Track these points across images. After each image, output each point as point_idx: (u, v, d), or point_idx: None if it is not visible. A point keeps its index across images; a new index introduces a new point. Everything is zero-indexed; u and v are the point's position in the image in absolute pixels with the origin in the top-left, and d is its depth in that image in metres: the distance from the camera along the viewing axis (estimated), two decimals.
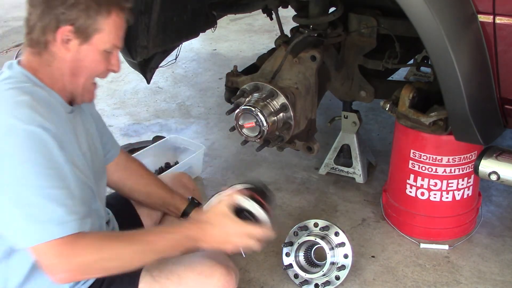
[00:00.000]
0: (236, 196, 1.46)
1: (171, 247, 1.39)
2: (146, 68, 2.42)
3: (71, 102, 1.46)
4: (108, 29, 1.37)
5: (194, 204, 1.86)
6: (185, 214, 1.84)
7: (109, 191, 2.40)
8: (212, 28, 2.61)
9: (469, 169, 2.02)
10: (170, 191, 1.83)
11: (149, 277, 1.51)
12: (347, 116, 2.47)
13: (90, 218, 1.33)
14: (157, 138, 2.83)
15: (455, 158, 1.99)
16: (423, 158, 2.02)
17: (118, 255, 1.31)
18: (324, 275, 1.87)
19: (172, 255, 1.43)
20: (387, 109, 1.99)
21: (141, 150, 2.60)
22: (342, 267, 1.89)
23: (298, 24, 2.24)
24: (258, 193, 1.55)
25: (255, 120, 1.96)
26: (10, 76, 1.35)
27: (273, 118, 1.99)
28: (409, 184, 2.09)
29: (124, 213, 1.81)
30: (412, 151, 2.04)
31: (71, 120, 1.43)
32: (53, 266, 1.25)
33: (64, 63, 1.37)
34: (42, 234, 1.23)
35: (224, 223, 1.43)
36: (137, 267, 1.38)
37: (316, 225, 1.97)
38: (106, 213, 1.69)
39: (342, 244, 1.90)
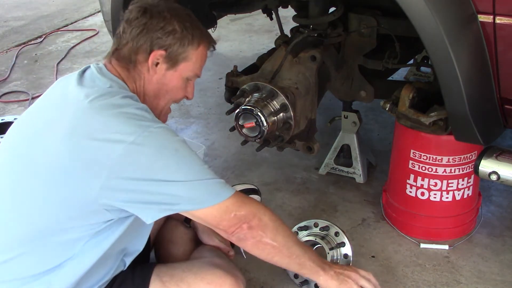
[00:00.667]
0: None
1: (307, 270, 1.56)
2: None
3: None
4: (195, 59, 1.47)
5: None
6: (188, 219, 1.84)
7: None
8: (212, 28, 2.61)
9: (469, 169, 2.02)
10: None
11: (159, 282, 1.52)
12: (347, 116, 2.47)
13: None
14: None
15: (455, 158, 1.99)
16: (423, 158, 2.02)
17: (280, 249, 1.48)
18: None
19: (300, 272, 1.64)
20: (387, 109, 1.99)
21: None
22: None
23: (298, 24, 2.24)
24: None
25: (255, 120, 1.96)
26: (111, 85, 1.40)
27: (273, 118, 1.99)
28: (409, 184, 2.09)
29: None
30: (412, 151, 2.04)
31: None
32: (244, 216, 1.40)
33: (150, 84, 1.46)
34: (220, 194, 1.36)
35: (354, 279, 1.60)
36: (280, 264, 1.55)
37: (316, 225, 1.97)
38: None
39: (342, 244, 1.90)
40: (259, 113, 1.95)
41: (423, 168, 2.03)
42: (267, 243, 1.46)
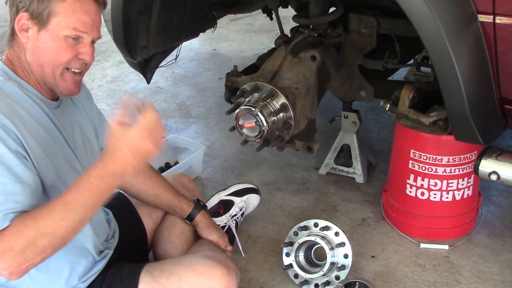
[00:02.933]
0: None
1: (91, 196, 1.24)
2: (146, 68, 2.42)
3: (57, 98, 1.44)
4: (65, 12, 1.32)
5: (200, 206, 1.87)
6: (190, 217, 1.85)
7: None
8: (212, 28, 2.61)
9: (469, 169, 2.02)
10: (177, 194, 1.84)
11: (149, 278, 1.52)
12: (347, 116, 2.47)
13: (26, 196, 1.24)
14: None
15: (455, 158, 1.99)
16: (423, 158, 2.02)
17: (44, 229, 1.20)
18: (324, 275, 1.87)
19: (100, 203, 1.28)
20: (387, 109, 1.99)
21: None
22: (342, 267, 1.89)
23: (298, 24, 2.24)
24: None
25: (255, 120, 1.96)
26: None
27: (273, 118, 1.99)
28: (409, 184, 2.09)
29: (124, 214, 1.81)
30: (412, 151, 2.04)
31: (56, 115, 1.41)
32: None
33: (28, 53, 1.34)
34: None
35: (123, 140, 1.27)
36: (73, 232, 1.25)
37: (316, 225, 1.97)
38: (105, 213, 1.69)
39: (342, 244, 1.90)
40: (259, 113, 1.95)
41: (423, 168, 2.03)
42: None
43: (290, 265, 1.93)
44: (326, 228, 1.94)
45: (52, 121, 1.39)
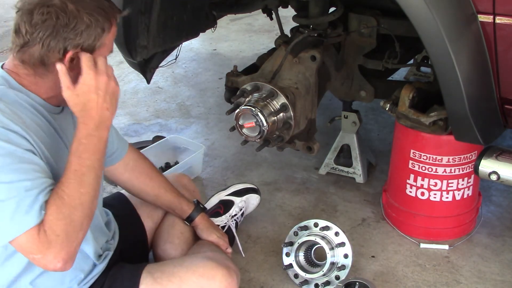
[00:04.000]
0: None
1: (90, 154, 1.30)
2: (146, 68, 2.42)
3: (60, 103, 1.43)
4: (109, 42, 1.39)
5: (200, 209, 1.88)
6: (190, 218, 1.85)
7: (109, 191, 2.41)
8: (212, 28, 2.61)
9: (469, 169, 2.02)
10: (177, 195, 1.84)
11: (150, 279, 1.52)
12: (347, 116, 2.47)
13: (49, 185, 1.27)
14: (157, 138, 2.83)
15: (455, 158, 1.99)
16: (423, 158, 2.02)
17: (73, 202, 1.25)
18: (324, 275, 1.87)
19: (102, 155, 1.34)
20: (387, 109, 1.99)
21: (141, 150, 2.59)
22: (342, 267, 1.89)
23: (298, 24, 2.24)
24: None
25: (255, 120, 1.96)
26: None
27: (273, 118, 1.99)
28: (409, 184, 2.09)
29: (124, 214, 1.81)
30: (412, 151, 2.04)
31: (58, 120, 1.41)
32: (44, 260, 1.23)
33: (55, 76, 1.33)
34: (19, 226, 1.20)
35: (80, 94, 1.31)
36: (95, 196, 1.32)
37: (316, 225, 1.97)
38: (104, 214, 1.69)
39: (342, 244, 1.90)
40: (259, 113, 1.95)
41: (423, 168, 2.03)
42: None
43: (290, 265, 1.93)
44: (326, 228, 1.94)
45: (53, 126, 1.39)
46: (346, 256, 1.90)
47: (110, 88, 1.36)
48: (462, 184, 2.05)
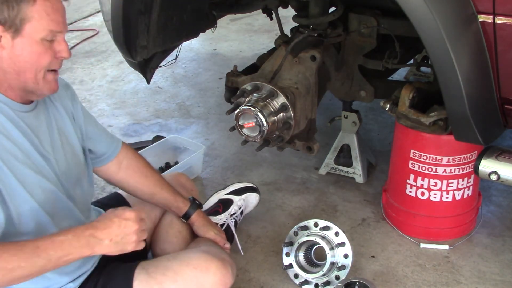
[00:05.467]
0: None
1: (61, 250, 1.26)
2: (146, 68, 2.42)
3: (31, 100, 1.41)
4: (38, 16, 1.30)
5: (196, 205, 1.87)
6: (186, 215, 1.85)
7: (109, 191, 2.41)
8: (212, 28, 2.61)
9: (469, 169, 2.02)
10: (173, 193, 1.84)
11: (144, 274, 1.52)
12: (347, 116, 2.47)
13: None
14: (157, 138, 2.83)
15: (455, 158, 1.99)
16: (423, 158, 2.02)
17: (3, 264, 1.20)
18: (324, 275, 1.87)
19: (68, 261, 1.30)
20: (387, 109, 1.99)
21: (141, 150, 2.60)
22: (342, 267, 1.89)
23: (298, 24, 2.24)
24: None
25: (255, 120, 1.96)
26: None
27: (273, 118, 1.99)
28: (409, 184, 2.09)
29: None
30: (412, 151, 2.04)
31: (27, 119, 1.39)
32: None
33: (4, 62, 1.32)
34: None
35: (119, 213, 1.36)
36: (27, 277, 1.25)
37: (316, 225, 1.97)
38: (98, 213, 1.68)
39: (342, 244, 1.90)
40: (259, 113, 1.95)
41: (423, 168, 2.03)
42: None
43: (290, 265, 1.93)
44: (326, 228, 1.94)
45: (18, 126, 1.36)
46: (346, 256, 1.90)
47: (128, 238, 1.36)
48: (462, 184, 2.05)
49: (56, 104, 1.52)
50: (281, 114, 2.01)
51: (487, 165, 1.71)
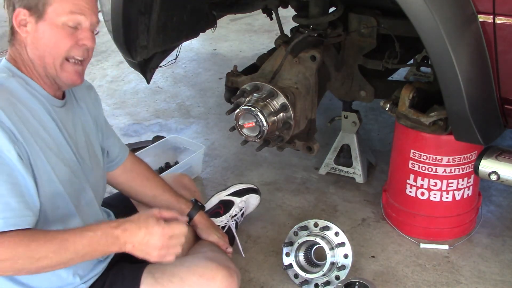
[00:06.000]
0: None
1: (88, 245, 1.28)
2: (146, 68, 2.42)
3: (63, 96, 1.44)
4: (59, 1, 1.32)
5: (198, 207, 1.87)
6: (189, 217, 1.85)
7: (109, 191, 2.41)
8: (212, 28, 2.61)
9: (469, 169, 2.02)
10: (175, 195, 1.84)
11: (151, 279, 1.52)
12: (347, 116, 2.47)
13: (34, 216, 1.28)
14: (157, 138, 2.83)
15: (455, 158, 1.99)
16: (423, 158, 2.02)
17: (32, 253, 1.22)
18: (324, 275, 1.87)
19: (94, 256, 1.33)
20: (387, 109, 1.99)
21: (141, 150, 2.60)
22: (342, 267, 1.89)
23: (298, 24, 2.24)
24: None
25: (255, 120, 1.96)
26: None
27: (273, 118, 1.99)
28: (409, 184, 2.09)
29: (125, 214, 1.80)
30: (412, 151, 2.04)
31: (58, 113, 1.41)
32: None
33: (29, 48, 1.34)
34: None
35: (148, 224, 1.35)
36: (52, 267, 1.28)
37: (316, 225, 1.97)
38: (105, 214, 1.69)
39: (342, 244, 1.90)
40: (259, 113, 1.95)
41: (423, 168, 2.03)
42: None
43: (290, 265, 1.93)
44: (326, 228, 1.94)
45: (54, 119, 1.39)
46: (346, 256, 1.90)
47: (152, 249, 1.36)
48: (462, 184, 2.05)
49: (81, 104, 1.55)
50: (281, 114, 2.01)
51: (487, 165, 1.71)
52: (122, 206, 1.83)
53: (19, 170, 1.26)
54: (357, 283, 1.78)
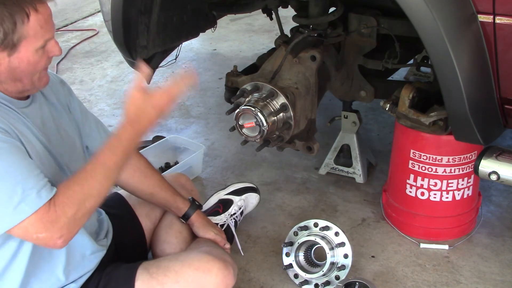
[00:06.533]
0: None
1: (123, 155, 1.37)
2: None
3: (27, 96, 1.44)
4: (33, 32, 1.32)
5: (195, 206, 1.88)
6: (186, 216, 1.85)
7: None
8: (212, 28, 2.61)
9: (469, 169, 2.02)
10: (173, 193, 1.84)
11: (146, 275, 1.52)
12: (347, 116, 2.47)
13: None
14: (157, 138, 2.83)
15: (455, 158, 1.99)
16: (423, 158, 2.02)
17: (90, 191, 1.31)
18: (324, 275, 1.87)
19: (128, 161, 1.42)
20: (387, 109, 1.99)
21: (141, 150, 2.60)
22: (342, 267, 1.89)
23: (298, 24, 2.24)
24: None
25: (255, 120, 1.96)
26: None
27: (273, 118, 1.99)
28: (409, 184, 2.09)
29: (122, 215, 1.82)
30: (412, 151, 2.04)
31: (26, 113, 1.41)
32: (47, 237, 1.26)
33: (1, 75, 1.34)
34: (24, 210, 1.23)
35: (139, 103, 1.39)
36: (109, 189, 1.39)
37: (316, 225, 1.97)
38: (97, 212, 1.68)
39: (342, 244, 1.90)
40: (259, 113, 1.95)
41: (423, 168, 2.03)
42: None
43: (290, 265, 1.93)
44: (326, 228, 1.94)
45: (23, 121, 1.38)
46: (346, 256, 1.90)
47: (167, 111, 1.44)
48: (462, 184, 2.05)
49: (49, 99, 1.54)
50: (281, 114, 2.01)
51: (487, 165, 1.71)
52: (118, 206, 1.84)
53: (26, 152, 1.31)
54: (357, 283, 1.78)
